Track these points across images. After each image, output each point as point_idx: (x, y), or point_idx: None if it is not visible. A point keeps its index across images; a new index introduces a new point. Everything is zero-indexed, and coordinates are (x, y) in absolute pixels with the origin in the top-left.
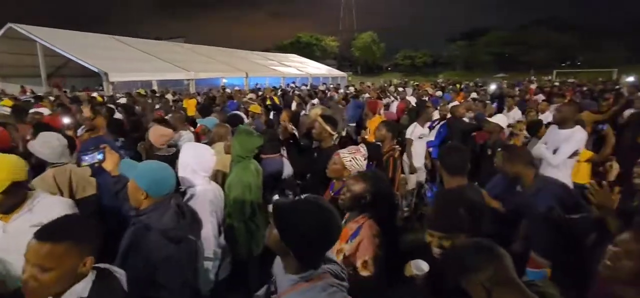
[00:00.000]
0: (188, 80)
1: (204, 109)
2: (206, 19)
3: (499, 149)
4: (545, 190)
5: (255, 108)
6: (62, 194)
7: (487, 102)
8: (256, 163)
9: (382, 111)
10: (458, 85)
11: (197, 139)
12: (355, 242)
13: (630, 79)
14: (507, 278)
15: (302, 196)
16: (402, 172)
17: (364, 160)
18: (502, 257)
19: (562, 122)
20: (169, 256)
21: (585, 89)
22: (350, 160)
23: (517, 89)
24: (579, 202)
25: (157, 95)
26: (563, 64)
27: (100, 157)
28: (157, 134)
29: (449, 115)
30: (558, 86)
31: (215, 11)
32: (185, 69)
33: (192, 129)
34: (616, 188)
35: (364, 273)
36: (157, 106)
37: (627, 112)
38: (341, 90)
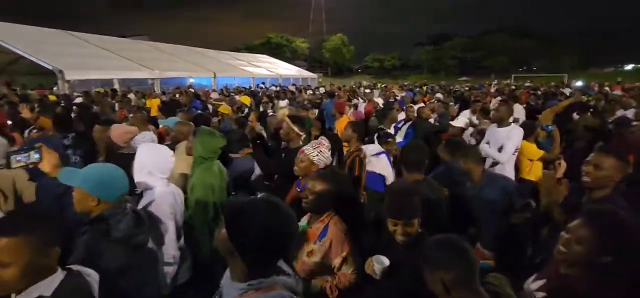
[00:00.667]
0: (152, 79)
1: (167, 109)
2: (173, 18)
3: (449, 142)
4: (492, 185)
5: (225, 108)
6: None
7: (451, 103)
8: (220, 165)
9: (350, 112)
10: (424, 88)
11: (161, 140)
12: (326, 242)
13: (579, 83)
14: (469, 282)
15: (258, 195)
16: None
17: (329, 151)
18: (471, 260)
19: (499, 121)
20: (128, 265)
21: (539, 92)
22: (317, 155)
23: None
24: (524, 195)
25: (118, 94)
26: (520, 69)
27: (36, 156)
28: (120, 131)
29: (415, 117)
30: (515, 89)
31: (183, 10)
32: (149, 68)
33: (154, 129)
34: (563, 182)
35: (347, 269)
36: (117, 106)
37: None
38: (310, 92)
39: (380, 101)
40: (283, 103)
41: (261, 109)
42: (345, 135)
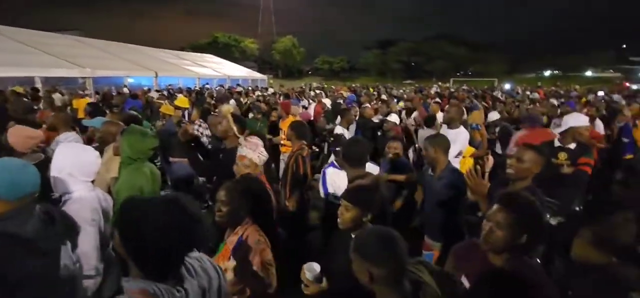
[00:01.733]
0: (83, 77)
1: (94, 110)
2: (110, 12)
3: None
4: (447, 179)
5: (167, 109)
6: None
7: (394, 103)
8: (152, 167)
9: (299, 112)
10: (371, 89)
11: (89, 142)
12: (242, 252)
13: (507, 86)
14: (395, 280)
15: (162, 193)
16: None
17: (263, 148)
18: (401, 260)
19: (449, 122)
20: (33, 273)
21: (473, 94)
22: (258, 156)
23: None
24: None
25: (39, 93)
26: (458, 74)
27: None
28: (20, 134)
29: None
30: (454, 91)
31: (120, 4)
32: (80, 65)
33: (78, 131)
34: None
35: (267, 273)
36: (36, 106)
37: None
38: (258, 93)
39: (328, 102)
40: (231, 103)
41: (214, 108)
42: (288, 134)
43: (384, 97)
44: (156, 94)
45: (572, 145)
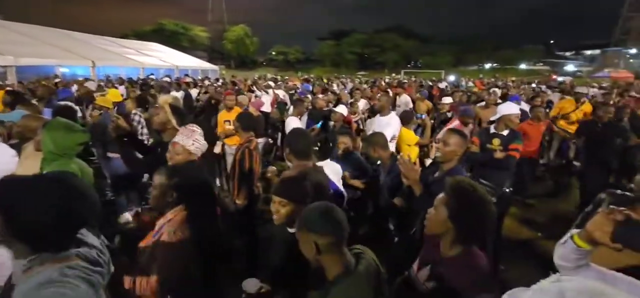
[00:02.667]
0: (4, 66)
1: (14, 100)
2: None
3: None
4: (394, 171)
5: (103, 100)
6: None
7: (347, 94)
8: (81, 164)
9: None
10: (325, 80)
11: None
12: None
13: (451, 78)
14: (339, 249)
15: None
16: None
17: (201, 136)
18: (344, 228)
19: (381, 110)
20: None
21: (422, 85)
22: (193, 144)
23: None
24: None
25: None
26: (409, 65)
27: None
28: None
29: (310, 107)
30: (405, 82)
31: None
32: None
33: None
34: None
35: (175, 238)
36: None
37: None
38: (208, 83)
39: (281, 93)
40: (178, 95)
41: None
42: (234, 126)
43: (335, 88)
44: (93, 85)
45: (505, 132)
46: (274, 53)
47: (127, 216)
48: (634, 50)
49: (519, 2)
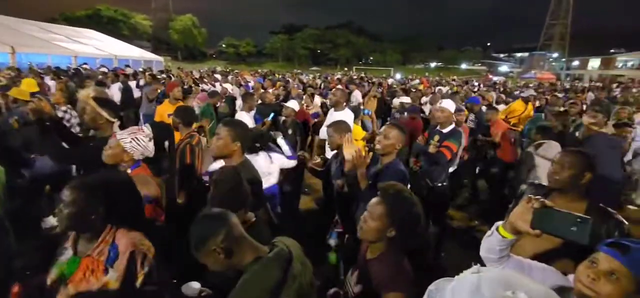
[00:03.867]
0: None
1: None
2: None
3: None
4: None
5: (19, 92)
6: None
7: (295, 87)
8: None
9: (198, 96)
10: (277, 75)
11: None
12: (121, 261)
13: (398, 76)
14: (239, 235)
15: None
16: None
17: (150, 140)
18: (230, 218)
19: (335, 105)
20: None
21: (373, 81)
22: (131, 142)
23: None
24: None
25: None
26: (360, 62)
27: None
28: None
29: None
30: (355, 78)
31: None
32: None
33: None
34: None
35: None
36: None
37: (397, 101)
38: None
39: (230, 87)
40: (115, 87)
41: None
42: (173, 122)
43: (291, 82)
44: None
45: (445, 129)
46: (224, 45)
47: (52, 220)
48: (555, 54)
49: (459, 6)
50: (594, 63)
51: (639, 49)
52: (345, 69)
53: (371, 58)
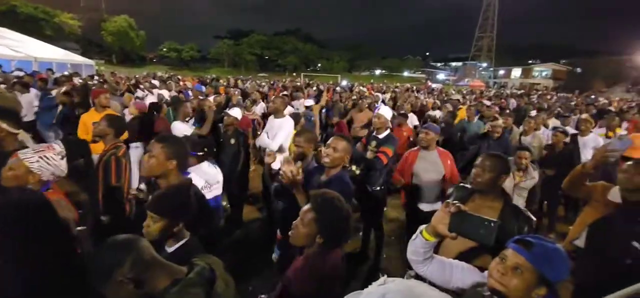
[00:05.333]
0: None
1: None
2: None
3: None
4: (311, 165)
5: None
6: None
7: (235, 93)
8: None
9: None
10: (222, 81)
11: None
12: None
13: (344, 82)
14: (150, 259)
15: None
16: None
17: (62, 158)
18: (137, 242)
19: (275, 112)
20: None
21: (321, 88)
22: (38, 162)
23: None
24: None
25: None
26: (308, 69)
27: None
28: None
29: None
30: (300, 85)
31: None
32: None
33: None
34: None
35: None
36: None
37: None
38: (77, 80)
39: (167, 94)
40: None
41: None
42: (98, 130)
43: (231, 89)
44: None
45: (381, 135)
46: (165, 49)
47: None
48: (485, 64)
49: (400, 18)
50: (516, 72)
51: (551, 60)
52: (294, 74)
53: (319, 65)
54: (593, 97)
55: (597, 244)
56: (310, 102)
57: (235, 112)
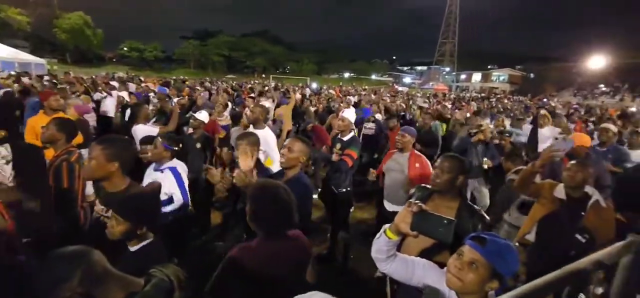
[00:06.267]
0: None
1: None
2: None
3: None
4: (263, 173)
5: None
6: None
7: (201, 96)
8: None
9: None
10: (187, 82)
11: None
12: None
13: (314, 85)
14: (100, 273)
15: None
16: None
17: (7, 163)
18: (88, 255)
19: (255, 123)
20: None
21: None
22: None
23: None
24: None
25: None
26: (277, 71)
27: None
28: None
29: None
30: (268, 88)
31: None
32: None
33: None
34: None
35: None
36: None
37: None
38: (27, 79)
39: (126, 96)
40: None
41: None
42: (47, 135)
43: (199, 90)
44: None
45: (345, 137)
46: (125, 49)
47: None
48: (448, 68)
49: (367, 22)
50: (477, 77)
51: (507, 66)
52: (263, 76)
53: (288, 67)
54: (545, 100)
55: (545, 238)
56: (268, 103)
57: (202, 116)
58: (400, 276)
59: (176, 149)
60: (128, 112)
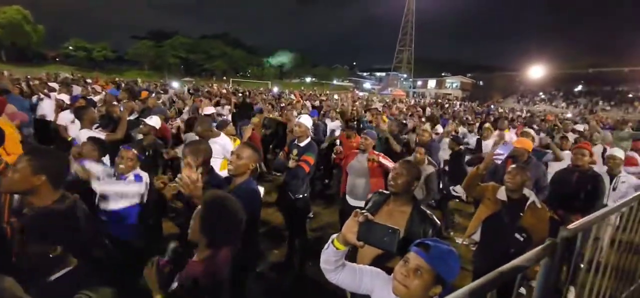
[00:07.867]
0: None
1: None
2: None
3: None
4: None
5: None
6: None
7: (154, 99)
8: None
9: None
10: (142, 84)
11: None
12: None
13: (275, 89)
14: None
15: None
16: None
17: None
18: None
19: (203, 134)
20: None
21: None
22: None
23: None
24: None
25: None
26: (238, 74)
27: None
28: None
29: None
30: (232, 92)
31: None
32: None
33: None
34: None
35: None
36: None
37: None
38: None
39: (67, 98)
40: None
41: None
42: None
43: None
44: None
45: (302, 143)
46: (71, 47)
47: None
48: (405, 75)
49: (329, 28)
50: (432, 83)
51: (459, 74)
52: (224, 78)
53: (249, 71)
54: (492, 106)
55: (489, 237)
56: (211, 109)
57: (154, 121)
58: (348, 285)
59: (144, 157)
60: (66, 115)
